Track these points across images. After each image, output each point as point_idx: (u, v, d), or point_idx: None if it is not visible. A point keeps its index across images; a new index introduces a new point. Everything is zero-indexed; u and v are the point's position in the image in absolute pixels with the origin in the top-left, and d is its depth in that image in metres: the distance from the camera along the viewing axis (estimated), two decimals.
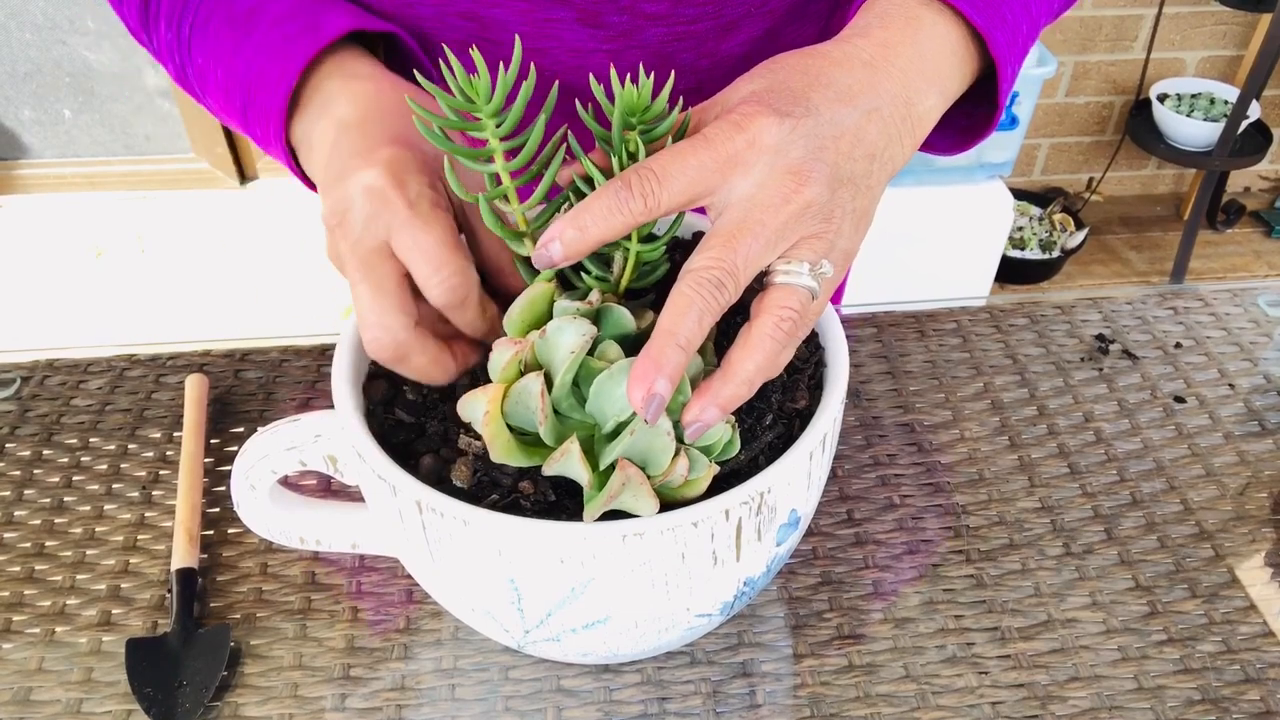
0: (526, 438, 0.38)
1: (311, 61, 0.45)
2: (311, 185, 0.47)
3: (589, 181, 0.38)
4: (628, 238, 0.39)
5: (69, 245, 2.19)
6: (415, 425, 0.42)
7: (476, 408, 0.38)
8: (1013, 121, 1.76)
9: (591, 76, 0.39)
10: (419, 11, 0.54)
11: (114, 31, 2.14)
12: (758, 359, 0.36)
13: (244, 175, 2.32)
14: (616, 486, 0.36)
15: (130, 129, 2.28)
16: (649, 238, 0.40)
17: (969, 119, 0.49)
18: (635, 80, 0.37)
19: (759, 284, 0.38)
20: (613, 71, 0.38)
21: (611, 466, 0.37)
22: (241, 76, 0.47)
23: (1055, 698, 0.49)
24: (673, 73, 0.40)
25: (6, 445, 0.61)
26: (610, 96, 0.38)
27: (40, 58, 2.16)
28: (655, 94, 0.38)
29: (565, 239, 0.36)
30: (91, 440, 0.62)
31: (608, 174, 0.38)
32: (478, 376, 0.42)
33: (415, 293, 0.40)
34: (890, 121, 0.40)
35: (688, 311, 0.35)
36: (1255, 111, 2.05)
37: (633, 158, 0.38)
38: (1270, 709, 0.48)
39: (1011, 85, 0.47)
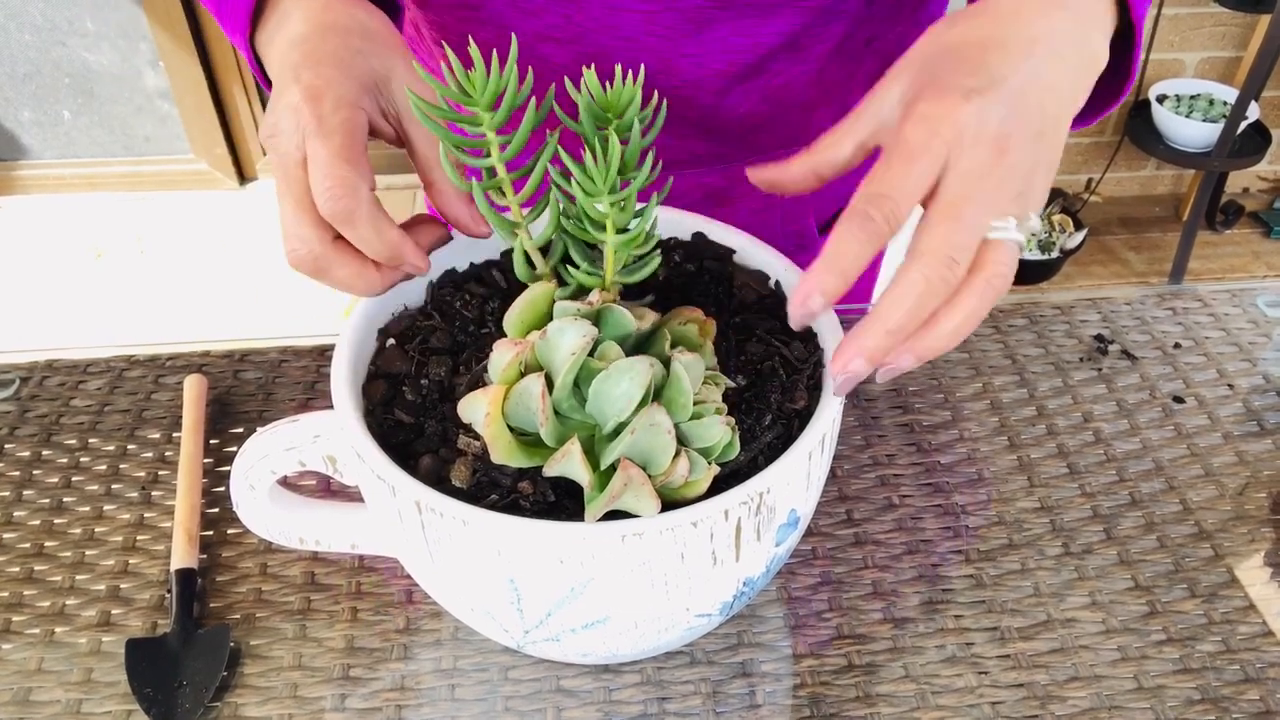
0: (527, 438, 0.38)
1: None
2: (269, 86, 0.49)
3: (567, 176, 0.39)
4: (603, 229, 0.39)
5: (69, 246, 2.19)
6: (415, 425, 0.42)
7: (477, 409, 0.38)
8: None
9: (568, 80, 0.40)
10: None
11: (113, 33, 2.14)
12: (959, 319, 0.37)
13: (243, 176, 2.32)
14: (619, 487, 0.36)
15: (130, 130, 2.28)
16: (622, 231, 0.40)
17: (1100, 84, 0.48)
18: (611, 80, 0.38)
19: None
20: (590, 72, 0.38)
21: (612, 467, 0.37)
22: None
23: (1055, 698, 0.49)
24: (643, 69, 0.40)
25: (6, 446, 0.61)
26: (593, 97, 0.39)
27: (40, 59, 2.16)
28: (649, 98, 0.38)
29: (828, 289, 0.36)
30: (91, 441, 0.62)
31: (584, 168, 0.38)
32: (480, 378, 0.42)
33: None
34: (1071, 63, 0.40)
35: (905, 298, 0.35)
36: (1254, 112, 2.05)
37: (606, 154, 0.38)
38: (1270, 709, 0.48)
39: (1141, 47, 0.46)
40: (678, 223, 0.51)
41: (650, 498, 0.36)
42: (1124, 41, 0.45)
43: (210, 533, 0.56)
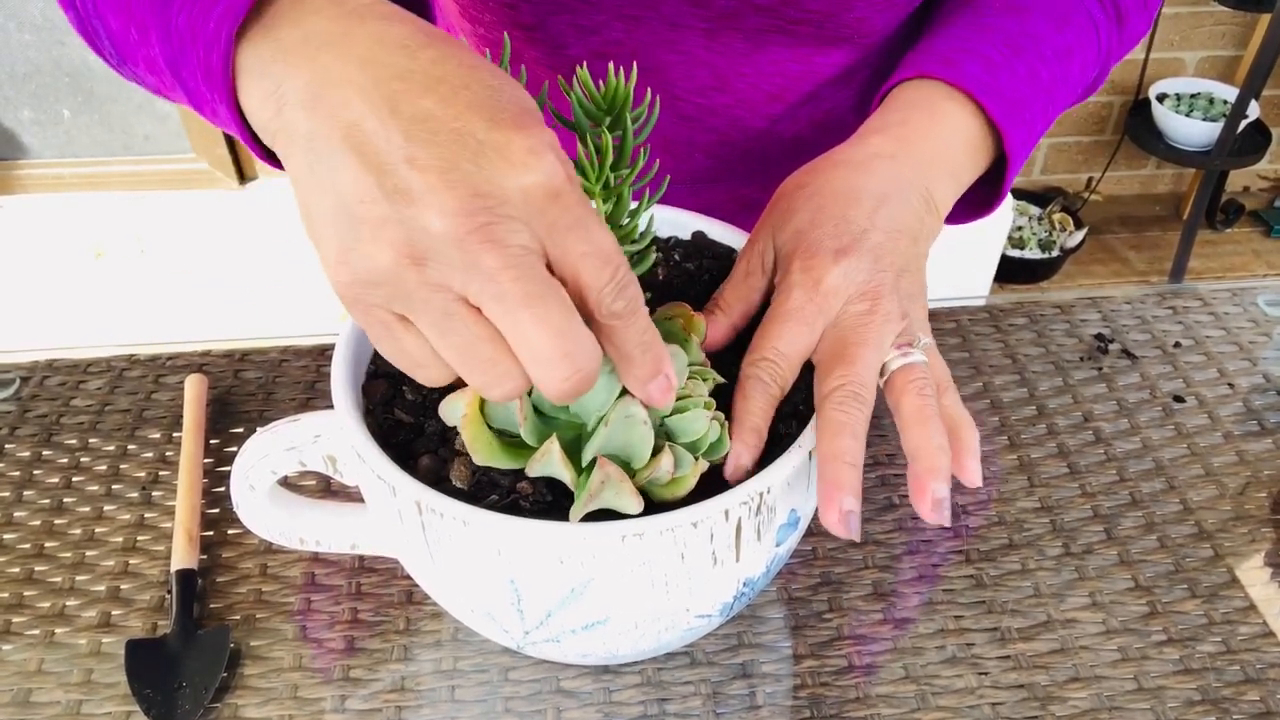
0: (511, 439, 0.38)
1: None
2: (265, 155, 0.35)
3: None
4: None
5: (69, 245, 2.19)
6: (415, 425, 0.42)
7: (455, 410, 0.38)
8: None
9: (561, 80, 0.40)
10: None
11: None
12: (927, 429, 0.39)
13: (243, 175, 2.32)
14: (596, 485, 0.36)
15: (130, 129, 2.28)
16: (616, 227, 0.40)
17: (977, 194, 0.54)
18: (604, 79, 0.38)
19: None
20: (583, 70, 0.38)
21: (594, 464, 0.37)
22: (172, 28, 0.33)
23: (1055, 698, 0.49)
24: (635, 67, 0.40)
25: (6, 445, 0.61)
26: (586, 95, 0.39)
27: (39, 58, 2.16)
28: (635, 94, 0.38)
29: (750, 446, 0.40)
30: (91, 441, 0.62)
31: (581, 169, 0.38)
32: None
33: None
34: (916, 206, 0.46)
35: (842, 431, 0.38)
36: (1254, 111, 2.05)
37: (599, 152, 0.38)
38: (1270, 709, 0.48)
39: (1015, 174, 0.52)
40: (678, 222, 0.51)
41: (631, 494, 0.36)
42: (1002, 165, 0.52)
43: (210, 533, 0.56)
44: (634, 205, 0.40)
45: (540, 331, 0.29)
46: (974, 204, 0.55)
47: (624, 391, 0.36)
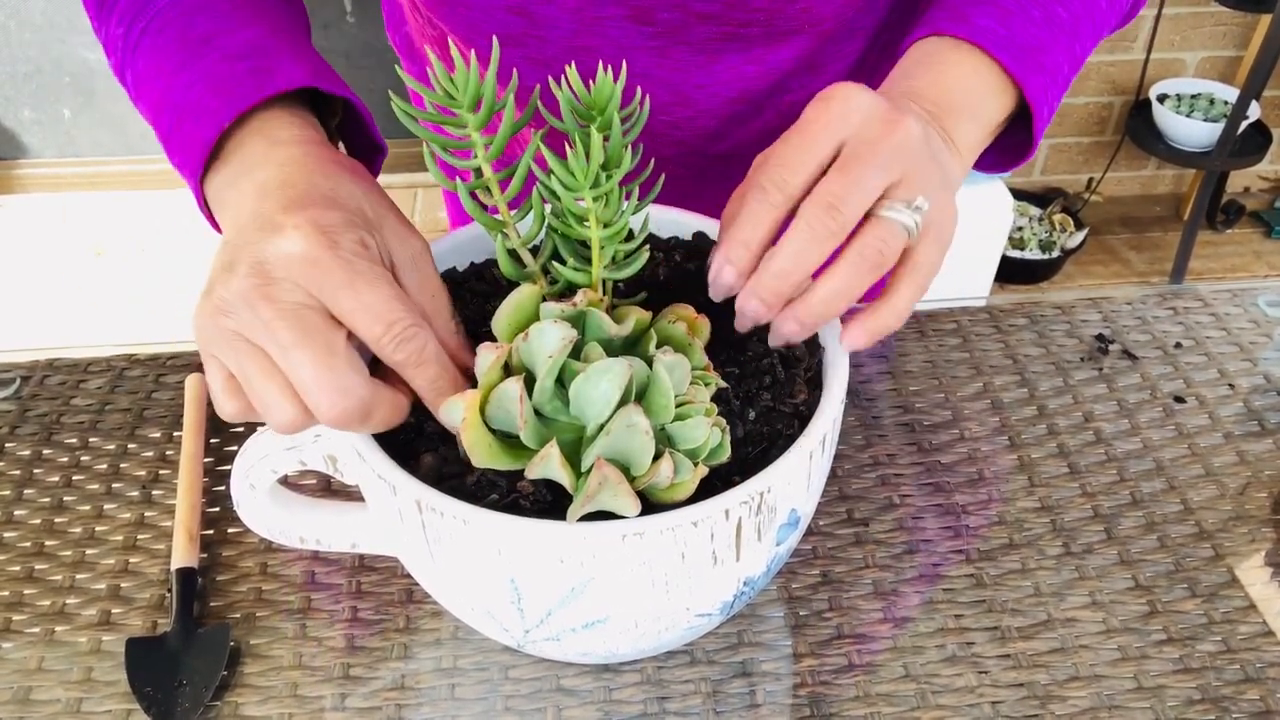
0: (511, 441, 0.38)
1: (248, 111, 0.43)
2: (218, 227, 0.45)
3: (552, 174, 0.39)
4: (587, 224, 0.39)
5: (69, 245, 2.19)
6: (415, 425, 0.42)
7: (455, 413, 0.38)
8: None
9: (551, 80, 0.40)
10: (468, 4, 0.54)
11: None
12: (835, 284, 0.39)
13: None
14: (594, 486, 0.36)
15: (130, 129, 2.28)
16: (607, 225, 0.40)
17: (1012, 140, 0.53)
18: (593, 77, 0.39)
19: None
20: (572, 70, 0.39)
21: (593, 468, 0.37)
22: (176, 100, 0.45)
23: (1055, 697, 0.49)
24: (624, 65, 0.40)
25: (6, 445, 0.61)
26: (575, 95, 0.39)
27: (40, 58, 2.16)
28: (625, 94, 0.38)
29: (735, 260, 0.39)
30: (91, 440, 0.62)
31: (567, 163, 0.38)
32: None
33: None
34: (934, 130, 0.44)
35: (789, 243, 0.39)
36: (1255, 112, 2.05)
37: (588, 152, 0.38)
38: (1270, 709, 0.48)
39: (1047, 121, 0.50)
40: (679, 222, 0.51)
41: (628, 497, 0.36)
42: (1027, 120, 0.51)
43: (211, 532, 0.56)
44: (625, 205, 0.40)
45: (306, 367, 0.36)
46: (1010, 150, 0.53)
47: (624, 400, 0.36)
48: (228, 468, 0.59)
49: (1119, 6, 0.55)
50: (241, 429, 0.62)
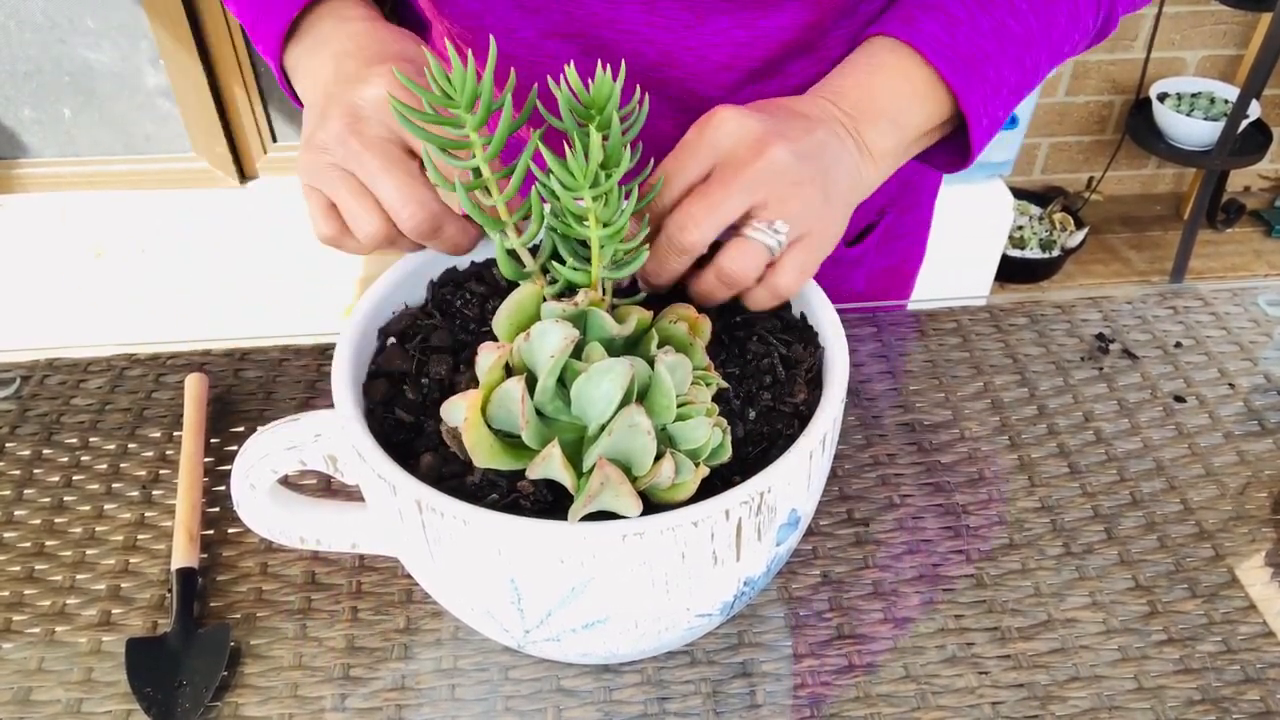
0: (513, 441, 0.38)
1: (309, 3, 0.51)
2: (298, 101, 0.53)
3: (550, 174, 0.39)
4: (587, 224, 0.39)
5: (69, 245, 2.19)
6: (415, 425, 0.42)
7: (457, 413, 0.38)
8: (1013, 121, 1.76)
9: (549, 78, 0.41)
10: None
11: (114, 31, 2.13)
12: (699, 290, 0.44)
13: (244, 175, 2.32)
14: (595, 486, 0.36)
15: (130, 128, 2.28)
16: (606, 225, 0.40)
17: (956, 146, 0.56)
18: (592, 76, 0.39)
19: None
20: (570, 69, 0.39)
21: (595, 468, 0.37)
22: None
23: (1055, 698, 0.49)
24: (623, 64, 0.42)
25: (6, 445, 0.61)
26: (574, 93, 0.39)
27: (40, 57, 2.16)
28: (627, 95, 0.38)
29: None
30: (91, 440, 0.62)
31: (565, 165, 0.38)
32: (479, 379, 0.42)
33: None
34: (839, 136, 0.47)
35: (656, 252, 0.44)
36: (1255, 111, 2.05)
37: (587, 153, 0.38)
38: (1270, 709, 0.48)
39: (989, 132, 0.53)
40: None
41: (630, 497, 0.36)
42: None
43: (211, 532, 0.56)
44: (624, 204, 0.40)
45: (390, 187, 0.43)
46: (956, 154, 0.56)
47: (625, 401, 0.36)
48: (228, 468, 0.59)
49: (1083, 24, 0.57)
50: (242, 429, 0.62)
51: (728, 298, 0.45)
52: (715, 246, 0.44)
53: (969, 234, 1.87)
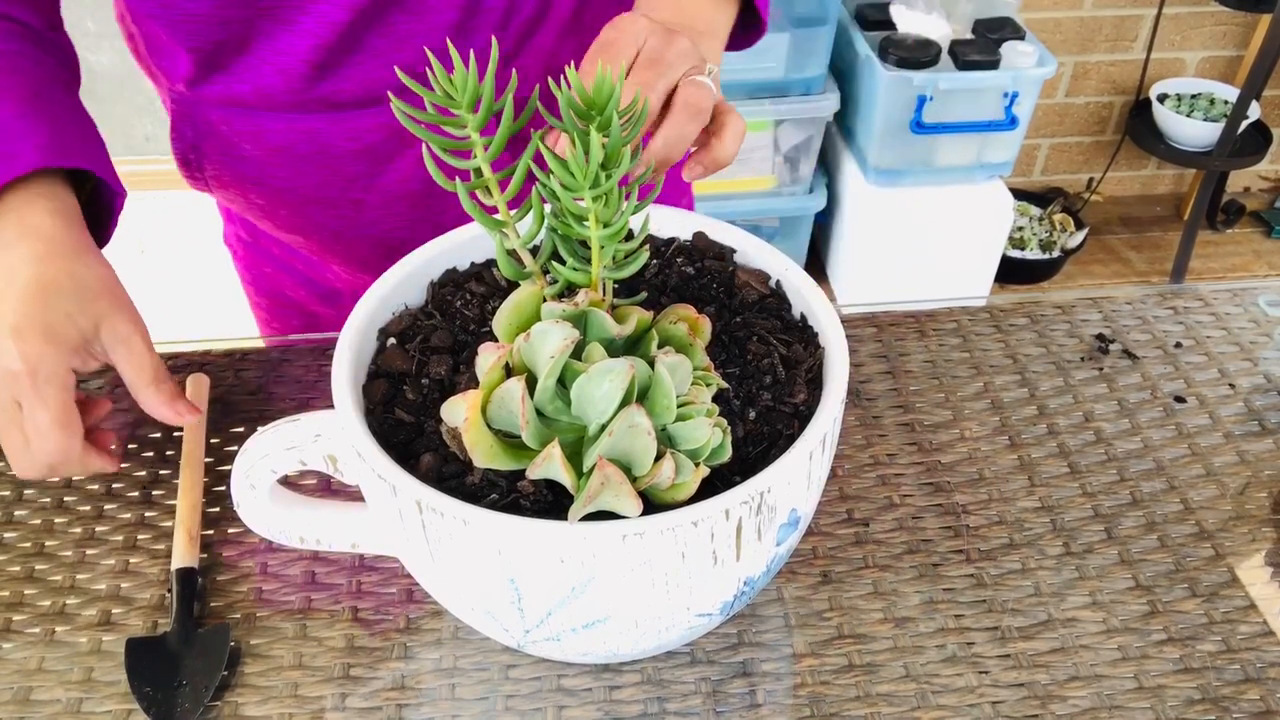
0: (513, 441, 0.38)
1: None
2: None
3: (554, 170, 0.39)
4: (587, 224, 0.39)
5: None
6: (415, 425, 0.42)
7: (457, 413, 0.38)
8: (1013, 122, 1.76)
9: (550, 80, 0.41)
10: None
11: (114, 33, 2.14)
12: (669, 131, 0.48)
13: None
14: (595, 486, 0.36)
15: (130, 129, 2.28)
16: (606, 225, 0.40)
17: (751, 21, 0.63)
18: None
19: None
20: (571, 70, 0.39)
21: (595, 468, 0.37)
22: None
23: (1055, 697, 0.49)
24: (623, 65, 0.48)
25: None
26: (575, 94, 0.39)
27: None
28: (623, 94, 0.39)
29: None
30: None
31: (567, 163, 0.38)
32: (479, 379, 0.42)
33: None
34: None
35: (627, 94, 0.47)
36: (1255, 112, 2.05)
37: (586, 152, 0.38)
38: (1270, 709, 0.48)
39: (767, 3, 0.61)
40: (679, 223, 0.51)
41: (630, 497, 0.36)
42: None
43: (211, 532, 0.56)
44: (625, 205, 0.40)
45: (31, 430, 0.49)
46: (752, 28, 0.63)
47: (626, 401, 0.36)
48: (228, 468, 0.59)
49: None
50: (242, 429, 0.62)
51: (695, 134, 0.49)
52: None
53: (969, 235, 1.87)
